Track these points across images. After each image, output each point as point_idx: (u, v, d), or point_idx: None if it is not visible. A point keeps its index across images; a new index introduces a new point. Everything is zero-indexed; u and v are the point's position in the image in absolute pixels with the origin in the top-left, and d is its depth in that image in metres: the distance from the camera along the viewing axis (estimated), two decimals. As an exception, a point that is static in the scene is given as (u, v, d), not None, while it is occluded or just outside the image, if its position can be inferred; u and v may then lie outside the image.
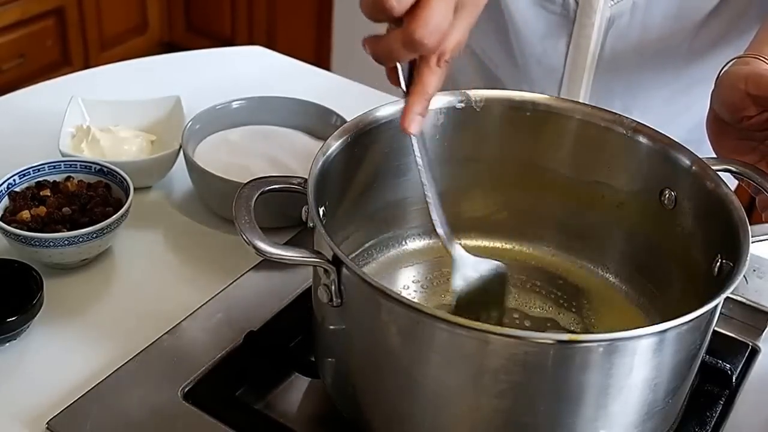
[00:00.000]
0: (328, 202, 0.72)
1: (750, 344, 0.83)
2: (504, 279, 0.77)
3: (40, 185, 0.90)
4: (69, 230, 0.84)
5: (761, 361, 0.82)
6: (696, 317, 0.61)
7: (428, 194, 0.70)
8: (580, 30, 1.01)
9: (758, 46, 0.83)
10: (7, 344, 0.79)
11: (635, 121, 0.78)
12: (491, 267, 0.75)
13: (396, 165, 0.80)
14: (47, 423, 0.72)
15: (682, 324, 0.61)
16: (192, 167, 0.94)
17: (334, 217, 0.74)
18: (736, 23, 1.02)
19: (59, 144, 0.96)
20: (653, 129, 0.78)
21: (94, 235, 0.85)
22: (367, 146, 0.76)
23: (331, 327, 0.70)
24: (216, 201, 0.95)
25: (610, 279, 0.84)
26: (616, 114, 0.79)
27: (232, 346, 0.79)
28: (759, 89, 0.75)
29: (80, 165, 0.92)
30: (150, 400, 0.74)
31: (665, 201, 0.78)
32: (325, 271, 0.65)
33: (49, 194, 0.89)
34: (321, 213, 0.69)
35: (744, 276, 0.65)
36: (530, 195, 0.85)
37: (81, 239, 0.84)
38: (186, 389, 0.75)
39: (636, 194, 0.80)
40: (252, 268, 0.88)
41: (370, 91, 1.22)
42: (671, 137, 0.77)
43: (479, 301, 0.75)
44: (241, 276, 0.87)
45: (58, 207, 0.88)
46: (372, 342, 0.66)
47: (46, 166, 0.91)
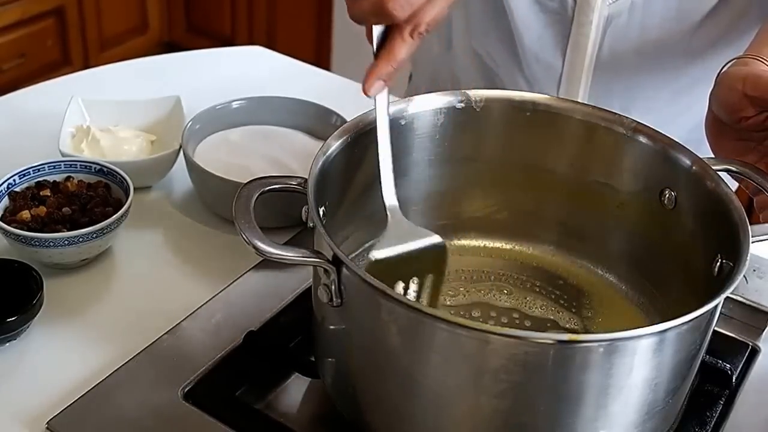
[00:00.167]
0: (328, 202, 0.72)
1: (750, 344, 0.83)
2: (441, 255, 0.74)
3: (40, 185, 0.90)
4: (69, 230, 0.85)
5: (761, 361, 0.82)
6: (696, 317, 0.61)
7: (381, 158, 0.71)
8: (578, 28, 1.01)
9: (758, 47, 0.83)
10: (7, 344, 0.79)
11: (635, 121, 0.78)
12: (427, 239, 0.73)
13: (396, 165, 0.79)
14: (47, 423, 0.72)
15: (682, 324, 0.61)
16: (192, 167, 0.94)
17: (334, 217, 0.74)
18: (736, 24, 1.01)
19: (59, 144, 0.96)
20: (653, 129, 0.78)
21: (94, 235, 0.85)
22: (367, 146, 0.76)
23: (331, 327, 0.69)
24: (216, 201, 0.95)
25: (610, 279, 0.84)
26: (616, 114, 0.79)
27: (232, 346, 0.79)
28: (757, 90, 0.75)
29: (80, 165, 0.92)
30: (150, 400, 0.74)
31: (665, 201, 0.78)
32: (325, 271, 0.65)
33: (49, 194, 0.89)
34: (321, 213, 0.69)
35: (744, 276, 0.65)
36: (530, 195, 0.85)
37: (81, 239, 0.84)
38: (186, 389, 0.75)
39: (636, 194, 0.80)
40: (252, 268, 0.88)
41: (370, 92, 1.22)
42: (671, 137, 0.77)
43: (404, 272, 0.73)
44: (241, 276, 0.87)
45: (58, 207, 0.88)
46: (372, 342, 0.66)
47: (46, 166, 0.91)
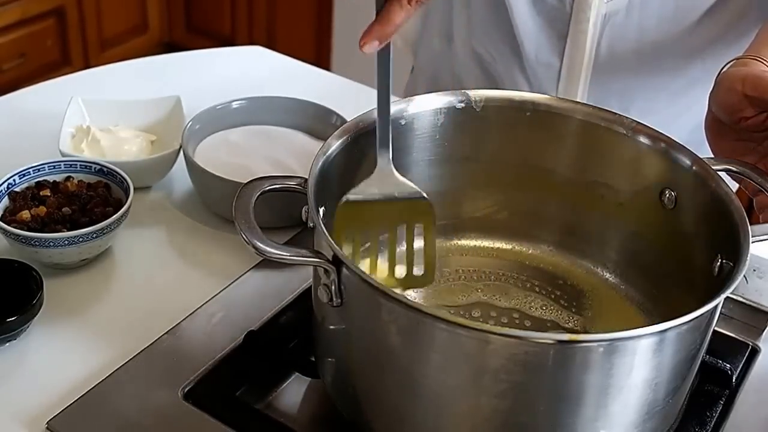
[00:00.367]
0: (328, 202, 0.72)
1: (750, 344, 0.83)
2: (425, 208, 0.74)
3: (40, 185, 0.90)
4: (69, 230, 0.84)
5: (761, 361, 0.82)
6: (696, 317, 0.61)
7: (380, 109, 0.71)
8: (576, 26, 1.01)
9: (757, 48, 0.83)
10: (7, 344, 0.79)
11: (635, 121, 0.78)
12: (410, 191, 0.74)
13: (396, 165, 0.80)
14: (47, 423, 0.72)
15: (682, 324, 0.61)
16: (192, 167, 0.94)
17: (335, 217, 0.74)
18: (734, 25, 1.02)
19: (59, 144, 0.96)
20: (653, 129, 0.78)
21: (94, 235, 0.85)
22: (367, 146, 0.76)
23: (331, 327, 0.69)
24: (216, 201, 0.95)
25: (610, 279, 0.84)
26: (616, 114, 0.79)
27: (232, 346, 0.79)
28: (756, 90, 0.75)
29: (80, 165, 0.92)
30: (150, 400, 0.74)
31: (665, 201, 0.78)
32: (325, 271, 0.65)
33: (49, 194, 0.89)
34: (321, 213, 0.69)
35: (744, 276, 0.65)
36: (530, 195, 0.85)
37: (81, 239, 0.84)
38: (186, 389, 0.75)
39: (636, 194, 0.80)
40: (252, 268, 0.88)
41: (370, 91, 1.21)
42: (671, 137, 0.77)
43: (380, 220, 0.73)
44: (241, 276, 0.87)
45: (58, 207, 0.88)
46: (372, 342, 0.66)
47: (46, 166, 0.91)
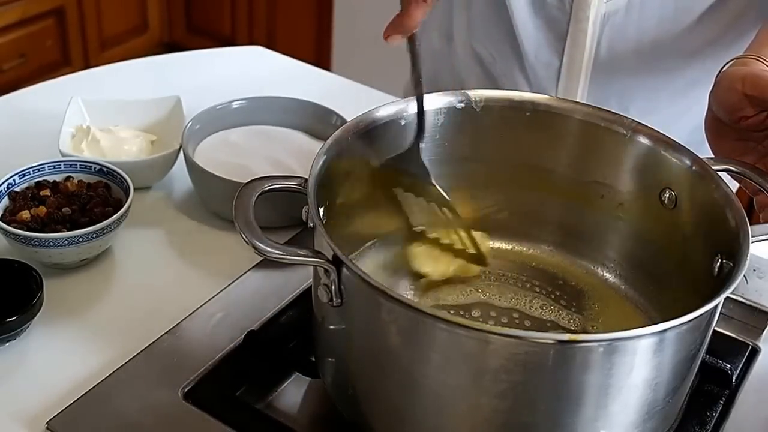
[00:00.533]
0: (328, 202, 0.72)
1: (750, 344, 0.83)
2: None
3: (40, 185, 0.90)
4: (69, 230, 0.84)
5: (761, 361, 0.82)
6: (696, 317, 0.61)
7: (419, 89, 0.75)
8: (576, 25, 1.02)
9: (757, 47, 0.83)
10: (7, 344, 0.79)
11: (635, 121, 0.78)
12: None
13: (396, 165, 0.80)
14: (47, 423, 0.72)
15: (682, 324, 0.61)
16: (192, 167, 0.94)
17: (334, 217, 0.74)
18: (734, 25, 1.01)
19: (59, 144, 0.96)
20: (653, 129, 0.78)
21: (94, 235, 0.85)
22: (368, 146, 0.76)
23: (331, 327, 0.69)
24: (216, 201, 0.95)
25: (610, 279, 0.84)
26: (616, 114, 0.79)
27: (232, 346, 0.79)
28: (756, 90, 0.75)
29: (80, 165, 0.92)
30: (150, 400, 0.74)
31: (665, 201, 0.78)
32: (325, 271, 0.65)
33: (49, 194, 0.89)
34: (321, 213, 0.69)
35: (744, 276, 0.65)
36: (530, 195, 0.85)
37: (81, 239, 0.84)
38: (186, 389, 0.75)
39: (636, 194, 0.80)
40: (252, 268, 0.88)
41: (370, 91, 1.22)
42: (671, 137, 0.77)
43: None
44: (241, 276, 0.87)
45: (58, 207, 0.88)
46: (372, 342, 0.66)
47: (46, 166, 0.91)
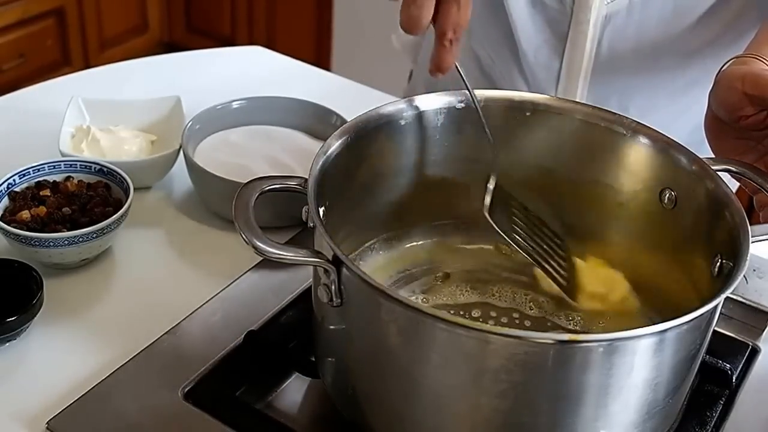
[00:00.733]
0: (328, 202, 0.72)
1: (750, 344, 0.83)
2: None
3: (40, 185, 0.90)
4: (69, 230, 0.84)
5: (761, 361, 0.82)
6: (696, 317, 0.61)
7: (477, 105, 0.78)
8: (577, 26, 1.01)
9: (757, 47, 0.83)
10: (7, 344, 0.79)
11: (635, 121, 0.78)
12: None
13: (396, 165, 0.80)
14: (47, 423, 0.72)
15: (682, 324, 0.61)
16: (192, 167, 0.94)
17: (334, 217, 0.74)
18: (734, 24, 1.01)
19: (59, 144, 0.96)
20: (653, 129, 0.78)
21: (94, 235, 0.85)
22: (367, 146, 0.76)
23: (331, 327, 0.69)
24: (216, 201, 0.95)
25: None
26: (616, 114, 0.79)
27: (232, 346, 0.79)
28: (756, 89, 0.75)
29: (80, 165, 0.92)
30: (150, 400, 0.74)
31: (665, 201, 0.78)
32: (325, 271, 0.65)
33: (49, 194, 0.89)
34: (321, 213, 0.69)
35: (744, 276, 0.65)
36: (530, 195, 0.84)
37: (81, 239, 0.84)
38: (186, 389, 0.75)
39: (636, 194, 0.80)
40: (252, 268, 0.88)
41: (370, 91, 1.22)
42: (671, 137, 0.77)
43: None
44: (241, 276, 0.87)
45: (58, 207, 0.88)
46: (372, 342, 0.66)
47: (46, 166, 0.91)
